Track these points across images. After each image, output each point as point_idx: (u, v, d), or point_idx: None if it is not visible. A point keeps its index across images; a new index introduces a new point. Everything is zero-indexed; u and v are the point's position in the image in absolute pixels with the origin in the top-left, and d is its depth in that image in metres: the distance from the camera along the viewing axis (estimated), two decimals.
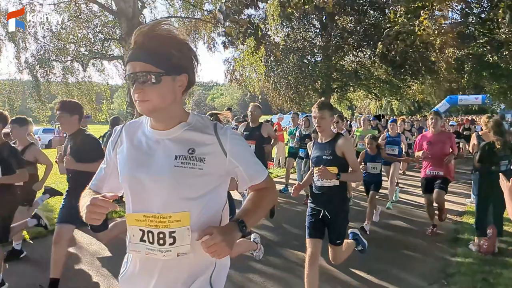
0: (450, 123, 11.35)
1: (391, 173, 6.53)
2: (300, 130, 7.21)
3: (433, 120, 4.99)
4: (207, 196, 1.26)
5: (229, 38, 14.18)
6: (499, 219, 4.42)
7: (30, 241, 4.87)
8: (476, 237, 4.48)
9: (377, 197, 6.09)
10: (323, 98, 3.44)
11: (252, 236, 3.83)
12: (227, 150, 1.27)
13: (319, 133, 3.23)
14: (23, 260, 4.22)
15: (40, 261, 4.13)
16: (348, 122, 17.79)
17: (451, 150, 4.94)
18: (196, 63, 1.26)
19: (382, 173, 5.83)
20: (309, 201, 3.33)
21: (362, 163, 5.30)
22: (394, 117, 11.97)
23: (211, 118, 3.29)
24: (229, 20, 10.94)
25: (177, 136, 1.27)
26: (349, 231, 3.72)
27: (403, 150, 7.62)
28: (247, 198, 1.38)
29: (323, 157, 3.13)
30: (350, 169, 3.19)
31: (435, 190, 4.80)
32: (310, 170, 3.39)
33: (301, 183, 3.48)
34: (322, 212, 3.12)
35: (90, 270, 3.96)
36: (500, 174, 3.05)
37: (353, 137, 8.21)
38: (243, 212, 1.30)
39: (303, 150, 6.57)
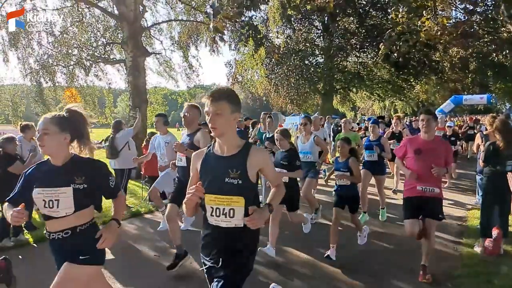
0: (447, 124, 10.40)
1: (378, 188, 5.99)
2: (265, 133, 6.67)
3: (424, 123, 3.62)
4: None
5: (220, 34, 14.07)
6: (505, 220, 4.37)
7: (34, 245, 4.88)
8: (481, 239, 4.42)
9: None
10: (226, 86, 2.22)
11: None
12: None
13: (217, 139, 2.02)
14: (25, 263, 4.22)
15: (43, 265, 4.14)
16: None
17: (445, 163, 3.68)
18: None
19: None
20: (202, 239, 2.08)
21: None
22: (374, 117, 10.37)
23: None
24: (220, 15, 10.80)
25: None
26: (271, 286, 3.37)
27: (385, 158, 6.35)
28: None
29: (227, 180, 1.92)
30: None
31: (430, 221, 3.62)
32: (190, 191, 1.92)
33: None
34: (219, 263, 1.97)
35: None
36: (508, 174, 3.01)
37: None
38: None
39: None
